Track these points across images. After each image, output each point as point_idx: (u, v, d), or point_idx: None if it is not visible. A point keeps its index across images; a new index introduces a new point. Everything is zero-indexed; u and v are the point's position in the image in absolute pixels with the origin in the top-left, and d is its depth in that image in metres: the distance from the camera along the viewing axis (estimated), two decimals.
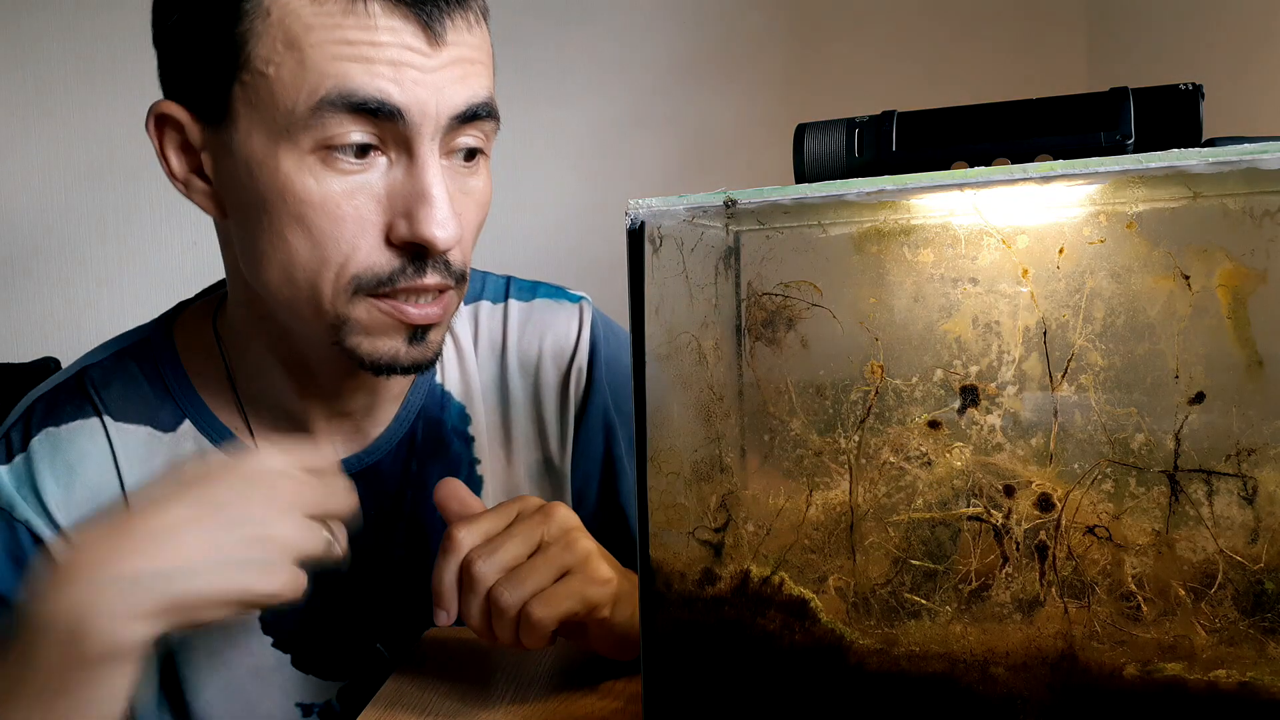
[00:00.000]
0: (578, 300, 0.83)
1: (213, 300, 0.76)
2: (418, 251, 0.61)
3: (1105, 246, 0.41)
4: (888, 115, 0.46)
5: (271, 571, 0.53)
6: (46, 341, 1.79)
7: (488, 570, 0.57)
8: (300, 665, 0.74)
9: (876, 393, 0.44)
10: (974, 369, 0.43)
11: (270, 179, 0.59)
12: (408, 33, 0.58)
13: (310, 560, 0.55)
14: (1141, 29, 1.56)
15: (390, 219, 0.60)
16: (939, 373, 0.43)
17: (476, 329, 0.80)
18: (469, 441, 0.78)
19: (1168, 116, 0.42)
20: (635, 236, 0.48)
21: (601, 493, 0.81)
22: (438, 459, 0.77)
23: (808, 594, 0.46)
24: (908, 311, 0.44)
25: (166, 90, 0.64)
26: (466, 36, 0.61)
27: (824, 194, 0.44)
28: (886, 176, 0.43)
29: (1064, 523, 0.42)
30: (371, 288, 0.61)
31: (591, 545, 0.60)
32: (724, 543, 0.48)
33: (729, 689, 0.48)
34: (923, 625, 0.44)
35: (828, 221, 0.45)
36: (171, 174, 0.64)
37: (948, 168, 0.43)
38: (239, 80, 0.59)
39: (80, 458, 0.71)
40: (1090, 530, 0.41)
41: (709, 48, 1.77)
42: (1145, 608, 0.41)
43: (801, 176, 0.48)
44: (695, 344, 0.48)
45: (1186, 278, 0.39)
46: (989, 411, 0.43)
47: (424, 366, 0.65)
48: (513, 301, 0.81)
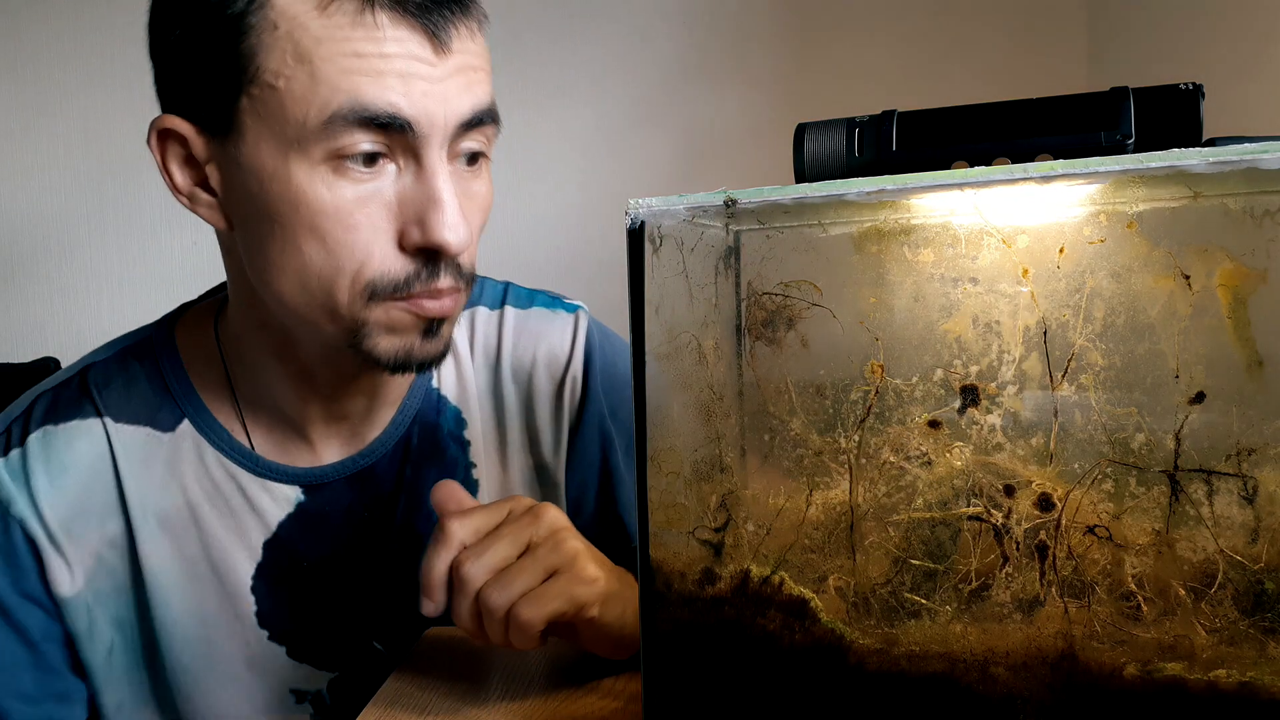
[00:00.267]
0: (574, 310, 0.83)
1: (214, 303, 0.76)
2: (430, 256, 0.61)
3: (1105, 246, 0.41)
4: (888, 115, 0.46)
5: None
6: (46, 341, 1.79)
7: (476, 571, 0.57)
8: (295, 656, 0.75)
9: (876, 392, 0.44)
10: (974, 369, 0.43)
11: (282, 190, 0.59)
12: (414, 43, 0.58)
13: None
14: (1141, 29, 1.56)
15: (402, 225, 0.60)
16: (939, 372, 0.43)
17: (472, 335, 0.80)
18: (465, 446, 0.78)
19: (1168, 116, 0.42)
20: (635, 236, 0.48)
21: (599, 502, 0.81)
22: (433, 463, 0.77)
23: (808, 594, 0.46)
24: (908, 311, 0.44)
25: (167, 104, 0.63)
26: (470, 44, 0.61)
27: (824, 194, 0.44)
28: (887, 176, 0.42)
29: (1064, 522, 0.42)
30: (387, 293, 0.61)
31: (579, 545, 0.60)
32: (724, 542, 0.48)
33: (729, 689, 0.48)
34: (923, 625, 0.44)
35: (828, 221, 0.45)
36: (175, 188, 0.64)
37: (948, 167, 0.43)
38: (247, 93, 0.59)
39: (75, 458, 0.71)
40: (1090, 530, 0.41)
41: (709, 48, 1.77)
42: (1145, 607, 0.40)
43: (801, 176, 0.48)
44: (695, 344, 0.48)
45: (1187, 277, 0.39)
46: (989, 411, 0.43)
47: (437, 361, 0.66)
48: (509, 309, 0.81)
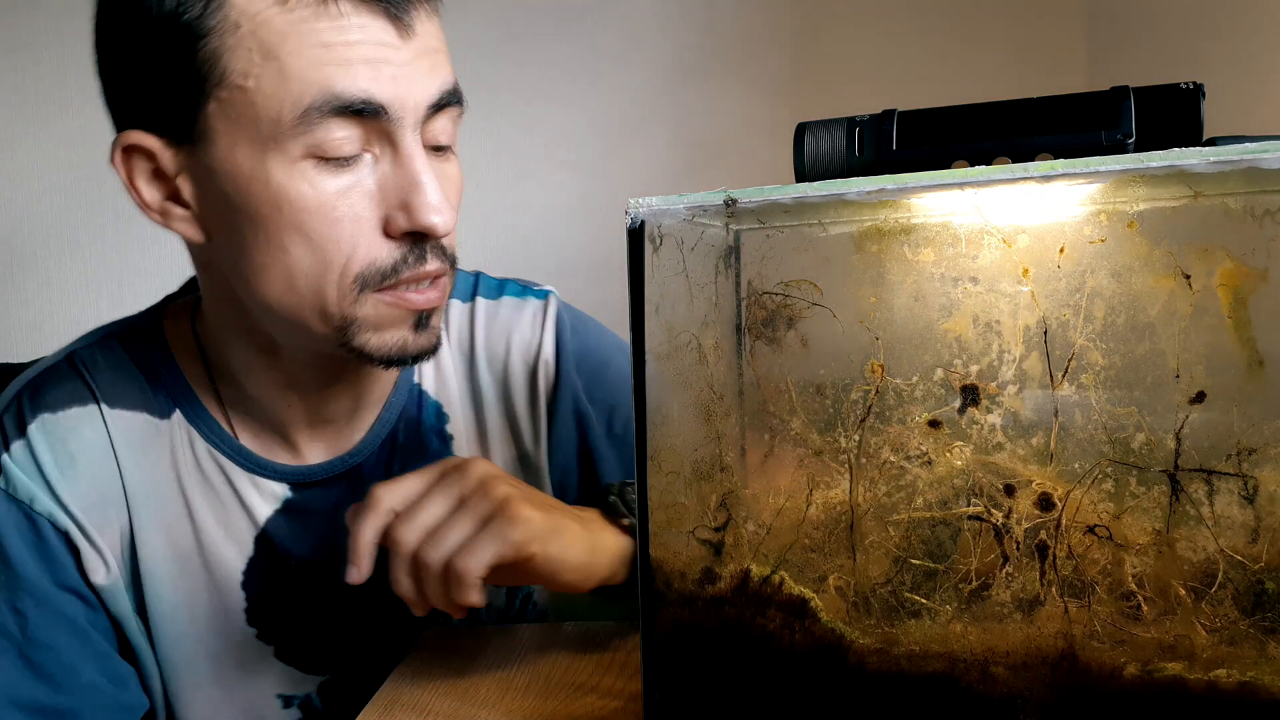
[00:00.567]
0: (544, 296, 0.82)
1: (187, 303, 0.75)
2: (416, 240, 0.61)
3: (1106, 246, 0.41)
4: (888, 114, 0.46)
5: None
6: (46, 341, 1.78)
7: (409, 533, 0.57)
8: (283, 657, 0.74)
9: (877, 392, 0.44)
10: (974, 368, 0.43)
11: (262, 191, 0.58)
12: (377, 28, 0.58)
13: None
14: (1141, 29, 1.56)
15: (385, 213, 0.61)
16: (939, 372, 0.43)
17: (447, 329, 0.79)
18: (447, 440, 0.78)
19: (1168, 116, 0.42)
20: (635, 236, 0.48)
21: (581, 483, 0.81)
22: (417, 459, 0.76)
23: (808, 593, 0.46)
24: (908, 310, 0.44)
25: (124, 120, 0.62)
26: (429, 26, 0.61)
27: (824, 193, 0.44)
28: (887, 175, 0.42)
29: (1064, 522, 0.42)
30: (376, 282, 0.61)
31: (510, 489, 0.60)
32: (724, 542, 0.48)
33: (729, 688, 0.48)
34: (923, 625, 0.44)
35: (828, 220, 0.45)
36: (145, 205, 0.63)
37: (948, 167, 0.43)
38: (214, 97, 0.58)
39: (82, 447, 0.69)
40: (1090, 530, 0.41)
41: (709, 48, 1.77)
42: (1145, 607, 0.40)
43: (802, 175, 0.48)
44: (695, 343, 0.48)
45: (1187, 277, 0.39)
46: (989, 411, 0.43)
47: (430, 353, 0.66)
48: (479, 300, 0.81)
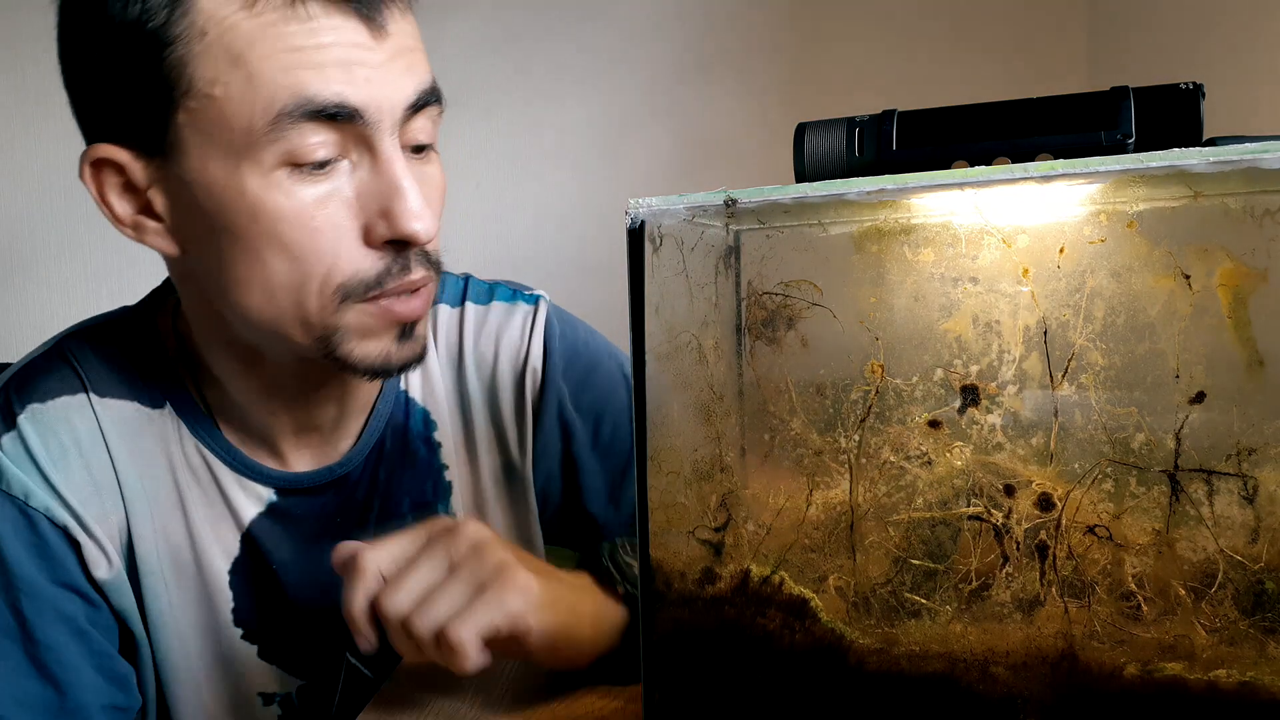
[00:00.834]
0: (534, 300, 0.80)
1: (174, 303, 0.72)
2: (398, 248, 0.60)
3: (1106, 246, 0.41)
4: (888, 114, 0.46)
5: None
6: None
7: (398, 602, 0.55)
8: (266, 656, 0.73)
9: (877, 392, 0.44)
10: (974, 368, 0.43)
11: (236, 202, 0.57)
12: (350, 29, 0.56)
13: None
14: (1141, 29, 1.56)
15: (365, 221, 0.59)
16: (939, 372, 0.43)
17: (434, 334, 0.78)
18: (435, 447, 0.77)
19: (1168, 116, 0.42)
20: (635, 236, 0.48)
21: (564, 493, 0.80)
22: (405, 466, 0.76)
23: (808, 593, 0.46)
24: (908, 311, 0.44)
25: (93, 133, 0.60)
26: (403, 25, 0.59)
27: (824, 193, 0.44)
28: (887, 176, 0.42)
29: (1064, 522, 0.42)
30: (360, 294, 0.60)
31: (506, 555, 0.57)
32: (724, 542, 0.48)
33: (729, 688, 0.48)
34: (923, 625, 0.44)
35: (828, 220, 0.45)
36: (117, 220, 0.61)
37: (948, 167, 0.43)
38: (183, 107, 0.56)
39: (74, 438, 0.67)
40: (1090, 530, 0.41)
41: (709, 47, 1.77)
42: (1145, 607, 0.40)
43: (802, 176, 0.48)
44: (695, 343, 0.48)
45: (1187, 277, 0.39)
46: (989, 411, 0.43)
47: (415, 363, 0.64)
48: (469, 305, 0.79)
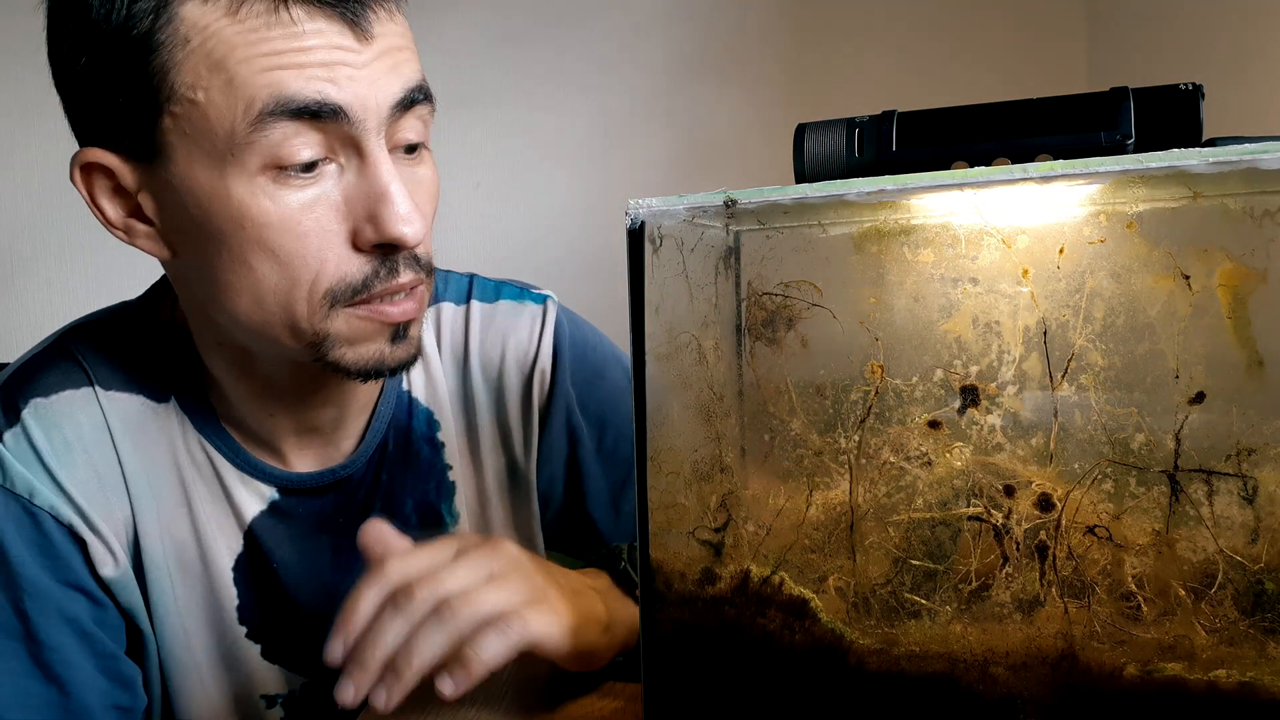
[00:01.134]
0: (542, 300, 0.80)
1: (169, 302, 0.72)
2: (386, 252, 0.60)
3: (1105, 246, 0.41)
4: (888, 115, 0.46)
5: None
6: None
7: (432, 591, 0.53)
8: (269, 656, 0.73)
9: (876, 392, 0.44)
10: (974, 369, 0.43)
11: (223, 208, 0.57)
12: (334, 33, 0.56)
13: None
14: (1141, 29, 1.56)
15: (353, 225, 0.59)
16: (939, 372, 0.43)
17: (439, 332, 0.78)
18: (439, 448, 0.76)
19: (1168, 116, 0.42)
20: (635, 236, 0.48)
21: (566, 496, 0.79)
22: (408, 467, 0.75)
23: (808, 594, 0.46)
24: (908, 311, 0.44)
25: (84, 136, 0.61)
26: (391, 26, 0.59)
27: (824, 194, 0.44)
28: (886, 176, 0.42)
29: (1064, 523, 0.42)
30: (348, 298, 0.59)
31: (550, 582, 0.57)
32: (724, 542, 0.48)
33: (729, 689, 0.48)
34: (923, 625, 0.44)
35: (828, 221, 0.45)
36: (108, 222, 0.61)
37: (948, 168, 0.43)
38: (167, 113, 0.56)
39: (78, 432, 0.67)
40: (1090, 530, 0.41)
41: (709, 48, 1.77)
42: (1145, 608, 0.41)
43: (801, 176, 0.48)
44: (695, 344, 0.48)
45: (1187, 277, 0.39)
46: (989, 411, 0.43)
47: (408, 365, 0.64)
48: (475, 303, 0.79)
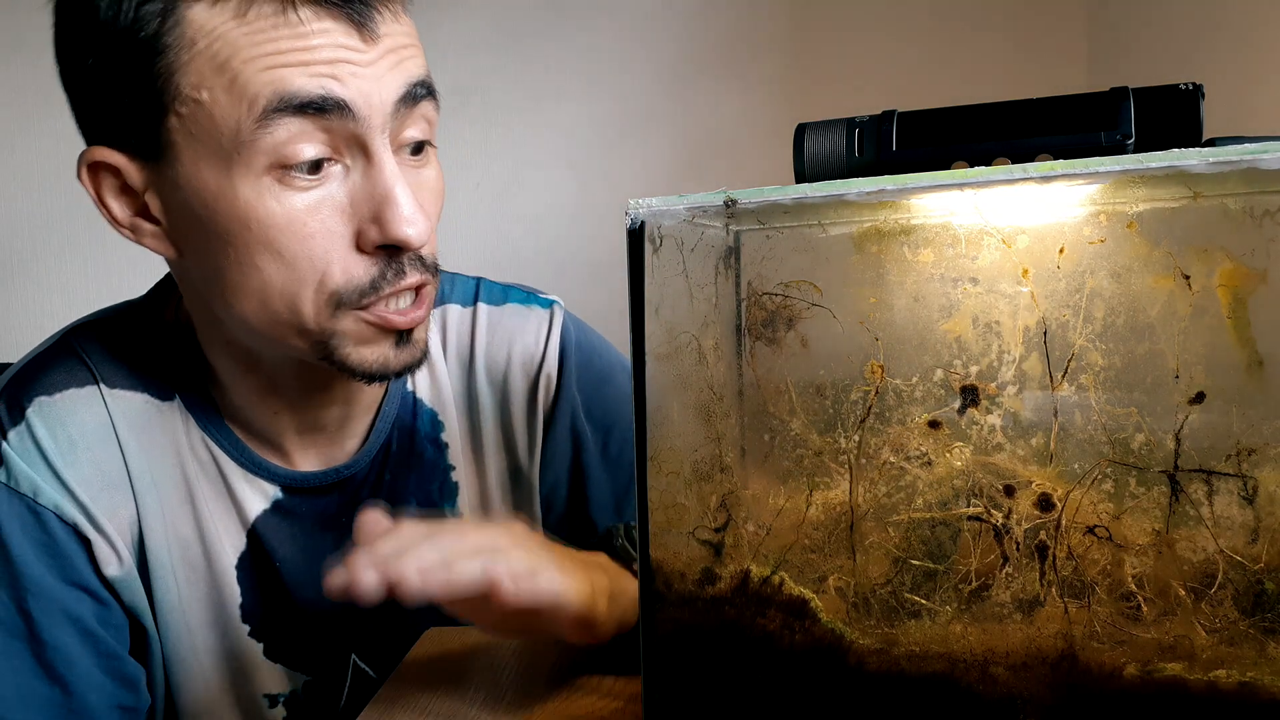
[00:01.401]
0: (549, 305, 0.80)
1: (173, 300, 0.73)
2: (391, 253, 0.60)
3: (1105, 246, 0.41)
4: (888, 115, 0.46)
5: None
6: None
7: (430, 549, 0.52)
8: (271, 655, 0.73)
9: (876, 392, 0.44)
10: (974, 369, 0.43)
11: (229, 209, 0.57)
12: (340, 33, 0.57)
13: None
14: (1141, 29, 1.56)
15: (358, 226, 0.59)
16: (939, 372, 0.43)
17: (445, 334, 0.78)
18: (443, 448, 0.76)
19: (1168, 116, 0.42)
20: (635, 236, 0.48)
21: (569, 500, 0.80)
22: (411, 467, 0.75)
23: (808, 594, 0.46)
24: (908, 311, 0.44)
25: (92, 135, 0.61)
26: (396, 26, 0.60)
27: (824, 194, 0.44)
28: (886, 176, 0.42)
29: (1064, 523, 0.42)
30: (355, 300, 0.60)
31: (554, 556, 0.58)
32: (724, 542, 0.48)
33: (729, 689, 0.48)
34: (923, 625, 0.44)
35: (828, 221, 0.45)
36: (115, 221, 0.62)
37: (948, 167, 0.43)
38: (174, 113, 0.57)
39: (82, 430, 0.67)
40: (1090, 530, 0.41)
41: (709, 48, 1.77)
42: (1145, 608, 0.41)
43: (802, 176, 0.48)
44: (695, 344, 0.48)
45: (1187, 277, 0.39)
46: (989, 411, 0.43)
47: (414, 367, 0.64)
48: (482, 306, 0.79)
